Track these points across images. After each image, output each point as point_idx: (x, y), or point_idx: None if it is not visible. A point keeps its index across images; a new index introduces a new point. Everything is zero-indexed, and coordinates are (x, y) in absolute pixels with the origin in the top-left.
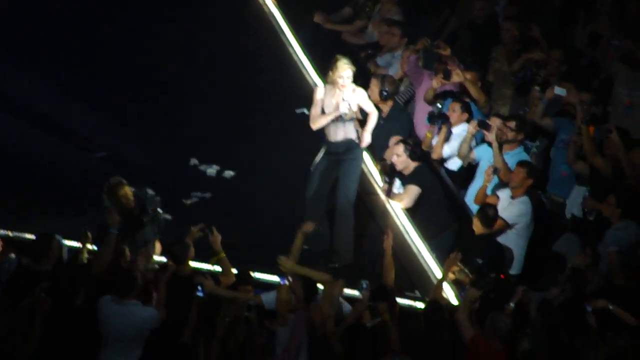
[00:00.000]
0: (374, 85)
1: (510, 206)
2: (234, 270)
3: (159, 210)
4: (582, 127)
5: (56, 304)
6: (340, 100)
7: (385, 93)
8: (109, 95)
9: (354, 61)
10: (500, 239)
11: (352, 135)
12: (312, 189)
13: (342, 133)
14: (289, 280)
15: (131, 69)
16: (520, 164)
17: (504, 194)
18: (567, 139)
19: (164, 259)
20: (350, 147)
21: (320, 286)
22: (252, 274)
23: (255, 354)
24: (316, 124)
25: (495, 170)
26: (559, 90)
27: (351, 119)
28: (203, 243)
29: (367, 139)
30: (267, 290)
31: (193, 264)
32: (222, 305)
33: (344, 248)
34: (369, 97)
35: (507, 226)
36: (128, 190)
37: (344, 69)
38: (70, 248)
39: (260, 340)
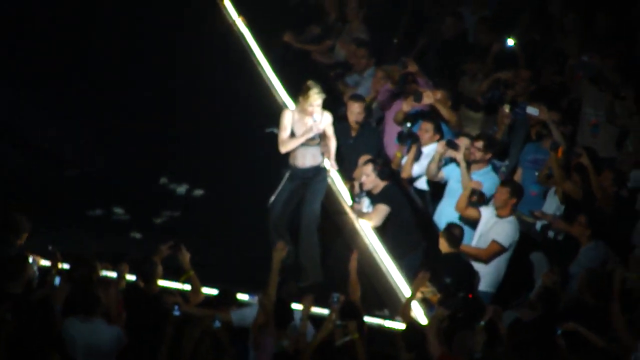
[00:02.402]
0: (353, 106)
1: (497, 225)
2: (216, 291)
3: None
4: (550, 154)
5: (22, 326)
6: (312, 124)
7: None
8: (80, 113)
9: (323, 81)
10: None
11: (320, 159)
12: (277, 214)
13: (311, 157)
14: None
15: (103, 87)
16: (504, 183)
17: (487, 212)
18: (533, 159)
19: (132, 278)
20: (318, 170)
21: (296, 308)
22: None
23: None
24: (286, 147)
25: (450, 144)
26: (531, 110)
27: (318, 144)
28: (172, 262)
29: (335, 165)
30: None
31: (162, 282)
32: (189, 324)
33: (313, 266)
34: (345, 117)
35: (502, 250)
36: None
37: (315, 99)
38: (40, 267)
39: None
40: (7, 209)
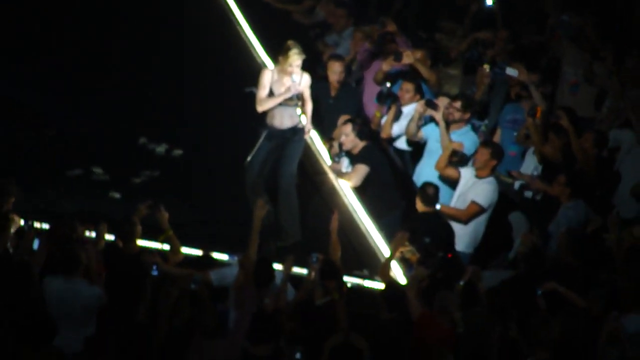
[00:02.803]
0: (334, 66)
1: (476, 186)
2: (195, 251)
3: None
4: (527, 120)
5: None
6: (291, 84)
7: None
8: (59, 73)
9: (304, 41)
10: None
11: (297, 119)
12: (254, 173)
13: (289, 118)
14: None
15: (82, 46)
16: (484, 144)
17: (467, 172)
18: (512, 119)
19: (111, 237)
20: (296, 131)
21: (277, 268)
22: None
23: (207, 333)
24: (263, 106)
25: (429, 104)
26: (510, 71)
27: (296, 105)
28: (152, 221)
29: (310, 128)
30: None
31: (141, 242)
32: (165, 283)
33: (292, 226)
34: (325, 78)
35: (481, 210)
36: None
37: (295, 59)
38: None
39: (211, 321)
40: None
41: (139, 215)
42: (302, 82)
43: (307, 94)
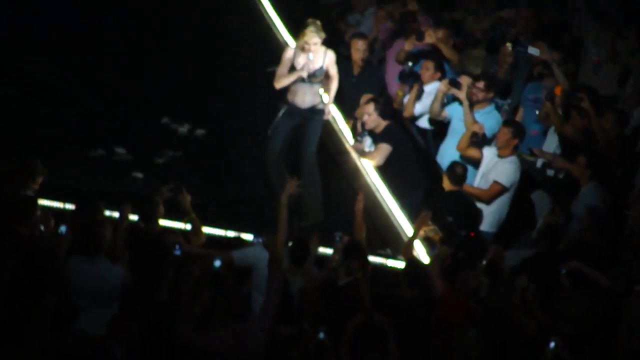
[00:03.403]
0: (357, 45)
1: (498, 165)
2: (224, 233)
3: None
4: (545, 103)
5: (24, 268)
6: (307, 62)
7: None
8: (80, 52)
9: (325, 21)
10: None
11: (318, 99)
12: (275, 151)
13: (311, 96)
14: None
15: (103, 26)
16: (506, 123)
17: (489, 152)
18: (534, 98)
19: (135, 218)
20: (316, 110)
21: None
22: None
23: (233, 315)
24: (280, 83)
25: (452, 83)
26: (532, 50)
27: (319, 83)
28: (175, 202)
29: (330, 112)
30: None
31: (164, 222)
32: (187, 263)
33: (314, 206)
34: (349, 56)
35: (504, 190)
36: None
37: (311, 37)
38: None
39: (237, 304)
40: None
41: (161, 197)
42: (326, 59)
43: (333, 72)
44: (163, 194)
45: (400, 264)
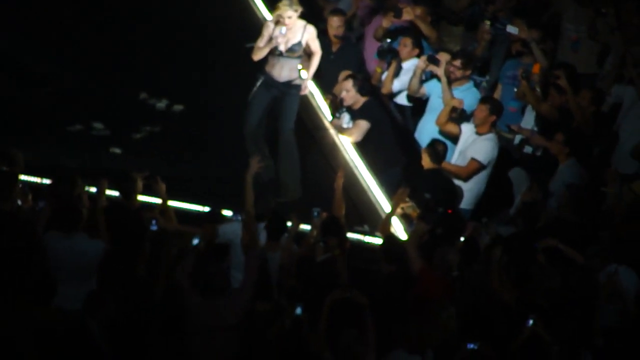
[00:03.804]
0: (333, 21)
1: (476, 143)
2: (196, 207)
3: None
4: (522, 82)
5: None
6: (279, 35)
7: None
8: (57, 29)
9: None
10: None
11: (296, 74)
12: (253, 122)
13: (288, 70)
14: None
15: (82, 4)
16: (483, 100)
17: (467, 128)
18: (512, 75)
19: (112, 193)
20: (291, 86)
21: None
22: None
23: (210, 292)
24: (256, 55)
25: (431, 59)
26: (510, 29)
27: (298, 57)
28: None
29: (308, 86)
30: None
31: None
32: (165, 239)
33: (292, 183)
34: (325, 32)
35: (481, 167)
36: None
37: (284, 10)
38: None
39: (218, 280)
40: None
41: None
42: (305, 34)
43: (314, 47)
44: (137, 181)
45: (378, 240)
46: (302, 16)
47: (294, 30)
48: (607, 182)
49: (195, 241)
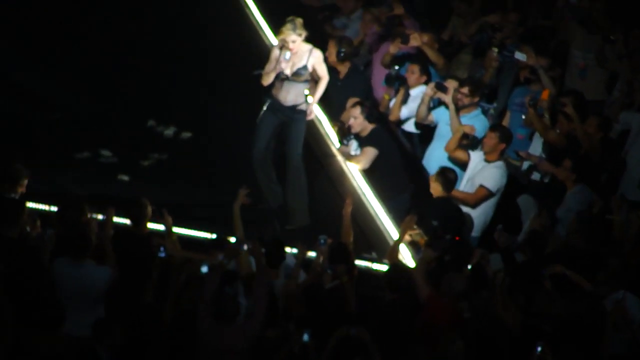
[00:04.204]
0: (332, 46)
1: (485, 170)
2: (203, 234)
3: None
4: (529, 110)
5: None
6: (283, 60)
7: (342, 54)
8: (66, 56)
9: (309, 23)
10: None
11: (302, 98)
12: (261, 147)
13: (294, 95)
14: (248, 245)
15: (88, 30)
16: (493, 128)
17: (476, 156)
18: (521, 102)
19: (120, 220)
20: (296, 111)
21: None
22: (228, 239)
23: (221, 319)
24: (265, 81)
25: (439, 87)
26: (518, 55)
27: (305, 81)
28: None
29: (314, 112)
30: None
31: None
32: (174, 265)
33: (300, 209)
34: (326, 59)
35: (490, 194)
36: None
37: (288, 34)
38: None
39: (230, 307)
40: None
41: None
42: (310, 59)
43: (320, 71)
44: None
45: (385, 268)
46: (309, 40)
47: (299, 55)
48: (612, 209)
49: (205, 269)
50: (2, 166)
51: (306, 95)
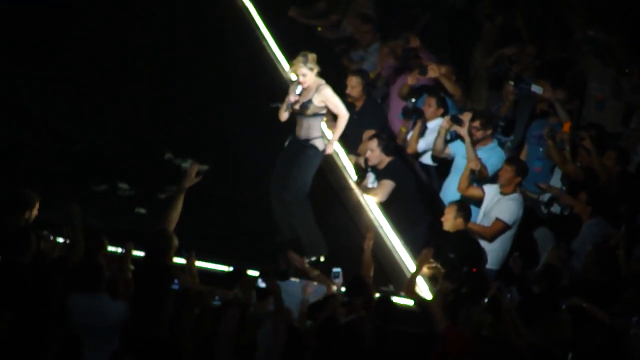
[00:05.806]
0: (350, 80)
1: (501, 203)
2: (222, 267)
3: None
4: (548, 142)
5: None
6: (294, 94)
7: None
8: (84, 88)
9: (326, 56)
10: None
11: (315, 133)
12: (277, 183)
13: (305, 130)
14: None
15: (106, 63)
16: (509, 161)
17: (491, 189)
18: (539, 135)
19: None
20: (305, 145)
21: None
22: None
23: (241, 353)
24: (280, 116)
25: (454, 120)
26: (535, 88)
27: (315, 116)
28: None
29: (330, 149)
30: None
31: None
32: (188, 298)
33: (313, 239)
34: (348, 93)
35: (506, 227)
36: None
37: (298, 67)
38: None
39: (246, 340)
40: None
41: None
42: (315, 94)
43: (332, 108)
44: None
45: (402, 300)
46: (322, 75)
47: (309, 89)
48: (618, 244)
49: (218, 301)
50: (13, 192)
51: (321, 130)
